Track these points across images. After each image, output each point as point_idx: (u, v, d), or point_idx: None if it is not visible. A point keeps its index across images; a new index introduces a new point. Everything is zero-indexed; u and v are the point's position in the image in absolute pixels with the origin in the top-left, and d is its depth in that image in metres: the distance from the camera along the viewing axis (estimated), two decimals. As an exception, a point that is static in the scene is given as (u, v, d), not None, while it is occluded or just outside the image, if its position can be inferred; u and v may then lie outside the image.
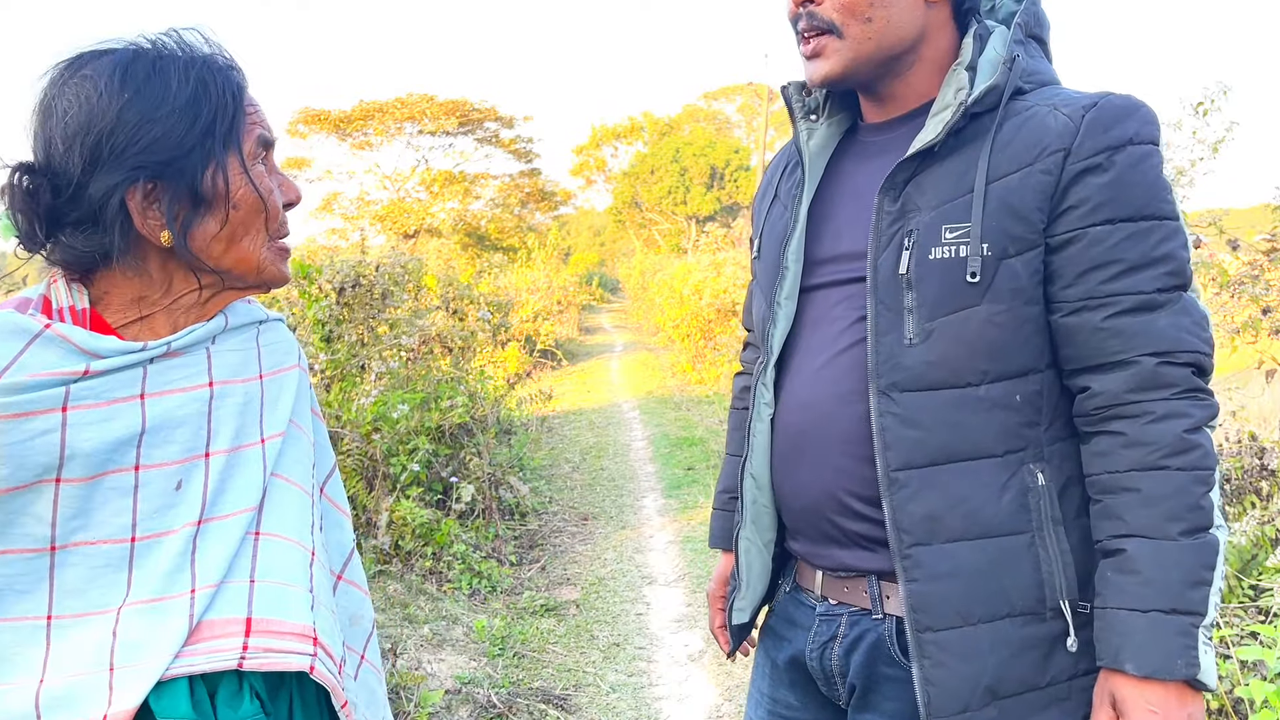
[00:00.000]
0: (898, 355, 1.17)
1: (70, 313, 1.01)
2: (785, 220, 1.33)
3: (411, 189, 28.14)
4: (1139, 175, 1.11)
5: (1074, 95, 1.16)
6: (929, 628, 1.16)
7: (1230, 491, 3.47)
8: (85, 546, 0.97)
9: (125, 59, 0.99)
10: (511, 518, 5.42)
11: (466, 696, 3.26)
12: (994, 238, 1.13)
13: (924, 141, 1.16)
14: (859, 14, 1.19)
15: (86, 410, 0.96)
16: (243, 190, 1.02)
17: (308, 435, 1.18)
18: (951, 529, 1.16)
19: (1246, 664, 2.42)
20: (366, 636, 1.24)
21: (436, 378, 5.69)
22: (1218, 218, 4.10)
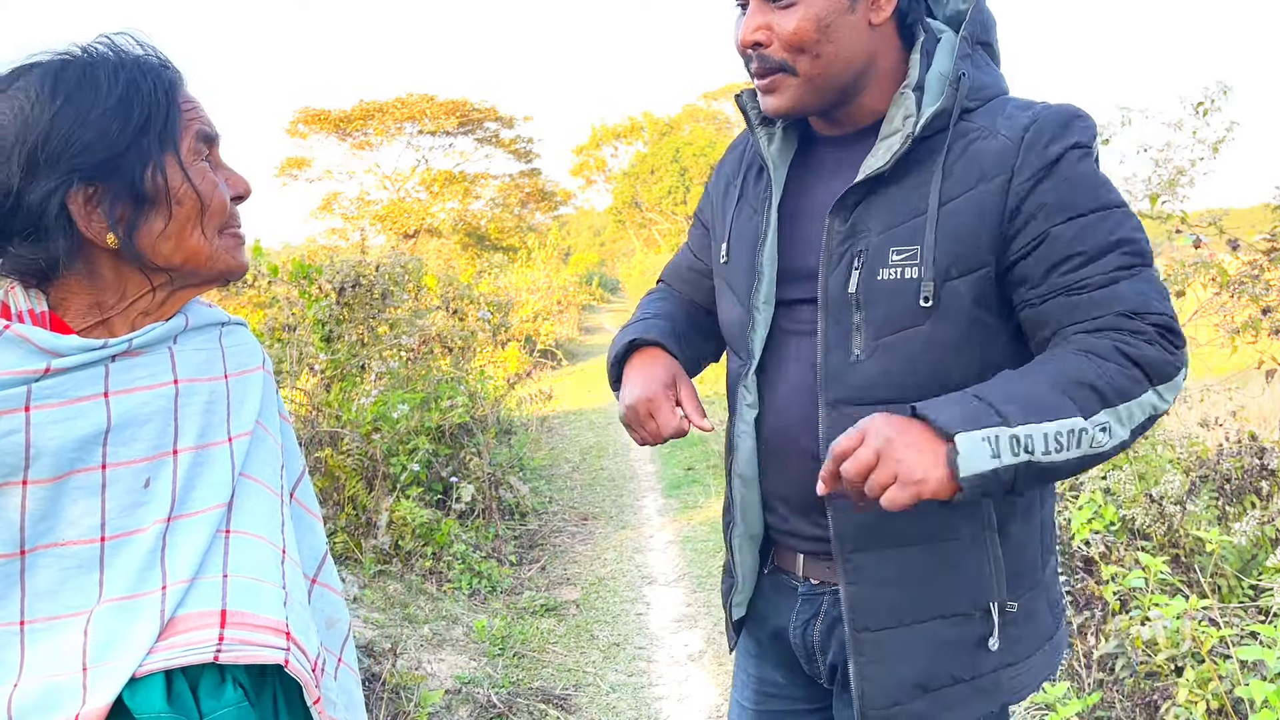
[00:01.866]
0: (844, 371, 1.22)
1: (30, 316, 1.01)
2: (756, 224, 1.35)
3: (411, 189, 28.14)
4: (1080, 176, 1.17)
5: (1013, 113, 1.20)
6: (866, 628, 1.24)
7: (1230, 491, 3.47)
8: (55, 548, 0.97)
9: (55, 68, 0.99)
10: (511, 518, 5.42)
11: (466, 696, 3.26)
12: (939, 262, 1.17)
13: (872, 169, 1.20)
14: (808, 50, 1.21)
15: (50, 409, 0.96)
16: (183, 187, 1.03)
17: (274, 438, 1.18)
18: (890, 536, 1.22)
19: (1246, 664, 2.42)
20: (343, 639, 1.24)
21: (436, 378, 5.69)
22: (1218, 218, 4.10)
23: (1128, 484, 3.39)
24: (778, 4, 1.21)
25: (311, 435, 4.42)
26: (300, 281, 5.00)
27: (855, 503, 1.08)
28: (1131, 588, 2.89)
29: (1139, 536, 3.35)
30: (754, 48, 1.23)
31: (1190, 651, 2.49)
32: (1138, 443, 3.68)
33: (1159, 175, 4.22)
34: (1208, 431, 4.01)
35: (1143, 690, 2.84)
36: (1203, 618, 2.57)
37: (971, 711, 1.26)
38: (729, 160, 1.50)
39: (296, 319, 5.09)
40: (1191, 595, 2.69)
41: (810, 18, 1.20)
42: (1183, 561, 3.21)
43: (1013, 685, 1.27)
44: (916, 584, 1.23)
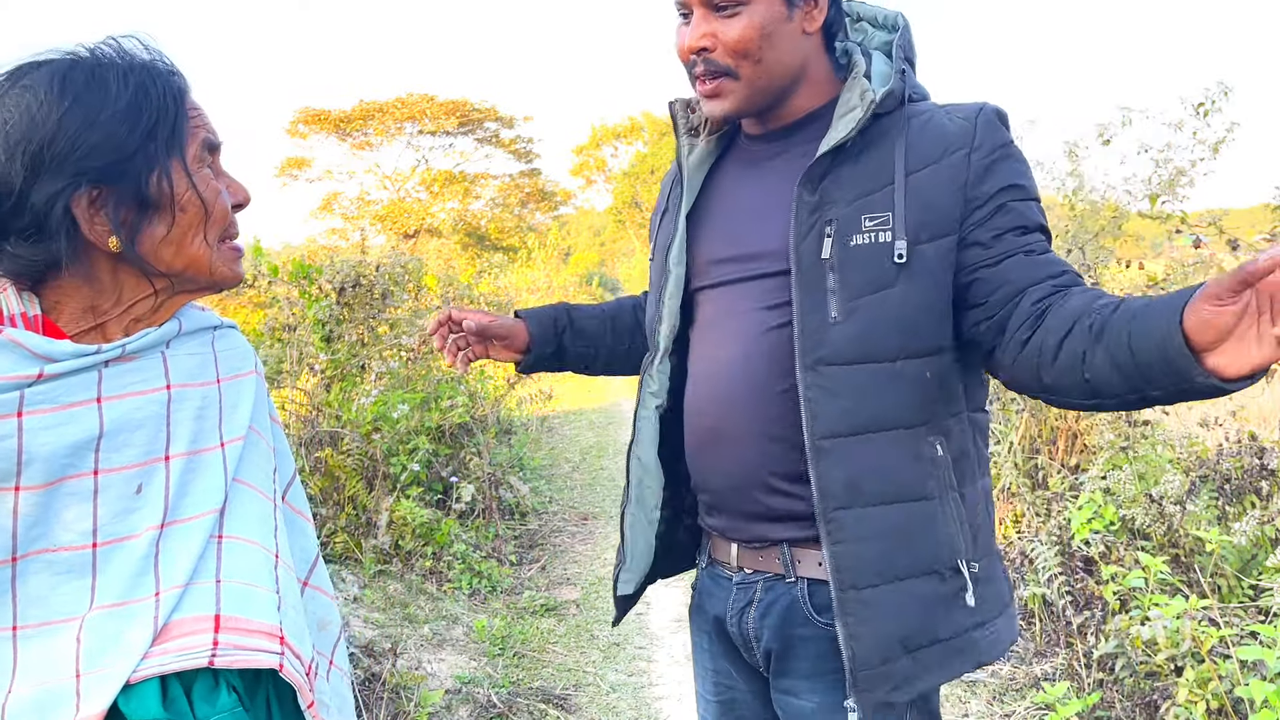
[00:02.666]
0: (824, 332, 1.27)
1: (22, 319, 1.01)
2: (668, 229, 1.47)
3: (411, 189, 28.14)
4: (1024, 165, 1.31)
5: (956, 106, 1.33)
6: (852, 585, 1.27)
7: (1230, 491, 3.47)
8: (47, 554, 0.97)
9: (63, 68, 0.99)
10: (511, 517, 5.43)
11: (466, 696, 3.26)
12: (910, 226, 1.26)
13: (837, 138, 1.28)
14: (750, 56, 1.30)
15: (42, 415, 0.96)
16: (188, 194, 1.03)
17: (267, 441, 1.18)
18: (870, 494, 1.27)
19: (1246, 664, 2.42)
20: (334, 641, 1.24)
21: (436, 378, 5.69)
22: (1218, 218, 4.10)
23: (1128, 484, 3.39)
24: (721, 13, 1.30)
25: (311, 435, 4.42)
26: (300, 281, 5.00)
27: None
28: (1131, 588, 2.89)
29: (1139, 536, 3.35)
30: (699, 53, 1.31)
31: (1190, 651, 2.49)
32: (1138, 443, 3.68)
33: (1159, 175, 4.22)
34: (1207, 431, 4.01)
35: (1143, 690, 2.84)
36: (1203, 618, 2.57)
37: (950, 671, 1.32)
38: (668, 175, 1.60)
39: (296, 319, 5.09)
40: (1191, 595, 2.70)
41: (753, 25, 1.29)
42: (1183, 561, 3.21)
43: (986, 645, 1.34)
44: (895, 540, 1.28)
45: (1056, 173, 4.53)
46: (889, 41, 1.41)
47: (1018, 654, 3.48)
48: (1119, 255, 4.56)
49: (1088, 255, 4.33)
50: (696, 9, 1.31)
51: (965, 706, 3.18)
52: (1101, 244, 4.40)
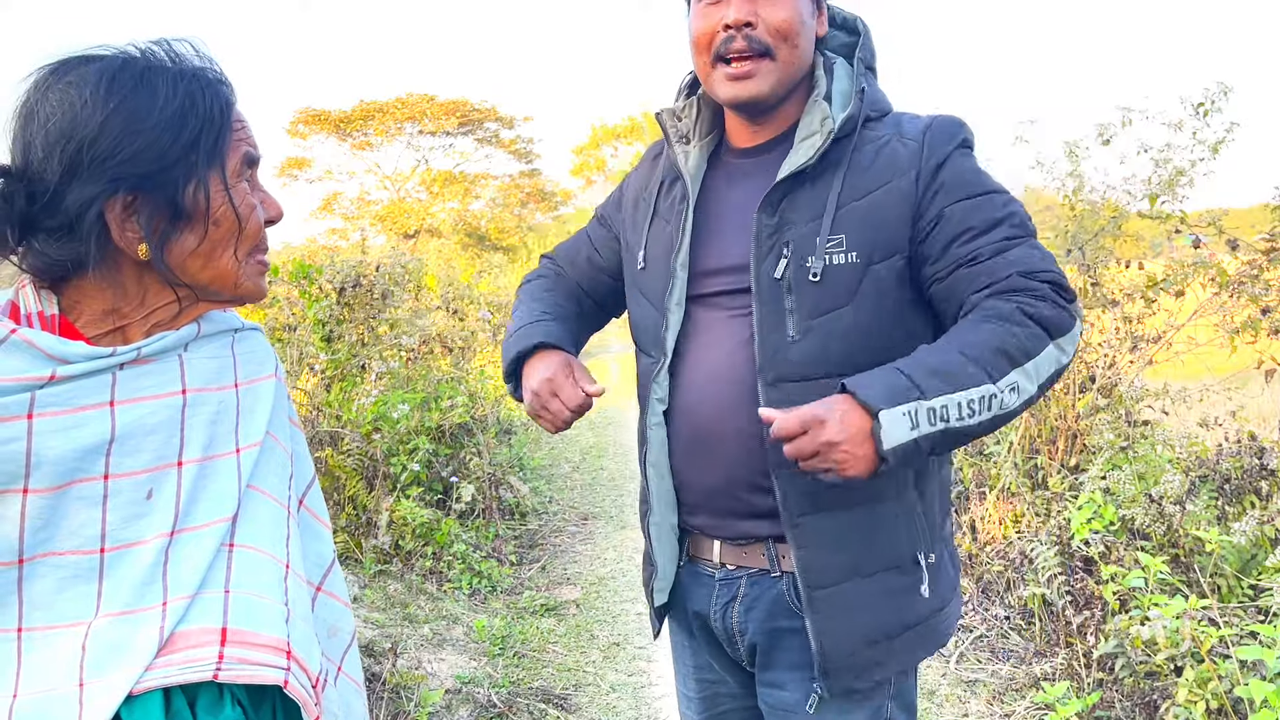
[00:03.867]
0: (782, 351, 1.32)
1: (39, 319, 0.99)
2: (670, 233, 1.46)
3: (412, 189, 28.15)
4: (968, 166, 1.34)
5: (912, 123, 1.37)
6: (818, 585, 1.33)
7: (1230, 491, 3.48)
8: (53, 557, 0.95)
9: (113, 67, 0.97)
10: (511, 518, 5.43)
11: (467, 696, 3.26)
12: (861, 247, 1.31)
13: (796, 164, 1.33)
14: (790, 39, 1.35)
15: (53, 417, 0.94)
16: (223, 208, 1.01)
17: (284, 447, 1.16)
18: (831, 500, 1.33)
19: (1246, 664, 2.42)
20: (344, 648, 1.23)
21: (437, 378, 5.70)
22: (1217, 218, 4.10)
23: (1127, 484, 3.40)
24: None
25: (312, 435, 4.43)
26: (300, 281, 5.00)
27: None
28: (1131, 587, 2.89)
29: (1139, 536, 3.36)
30: (743, 28, 1.33)
31: (1190, 651, 2.49)
32: (1138, 443, 3.68)
33: (1159, 175, 4.22)
34: (1207, 431, 4.01)
35: (1142, 690, 2.84)
36: (1202, 617, 2.57)
37: (914, 657, 1.39)
38: (640, 173, 1.61)
39: (297, 319, 5.09)
40: (1191, 595, 2.70)
41: (795, 10, 1.34)
42: (1182, 561, 3.21)
43: (943, 629, 1.42)
44: (858, 541, 1.34)
45: (1056, 173, 4.53)
46: (849, 44, 1.45)
47: (1017, 654, 3.48)
48: (1119, 255, 4.56)
49: (1087, 255, 4.33)
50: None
51: (965, 706, 3.18)
52: (1101, 244, 4.40)
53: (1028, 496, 3.96)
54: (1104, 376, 4.23)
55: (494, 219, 28.66)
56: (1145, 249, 5.13)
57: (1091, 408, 4.09)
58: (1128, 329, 4.26)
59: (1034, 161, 4.61)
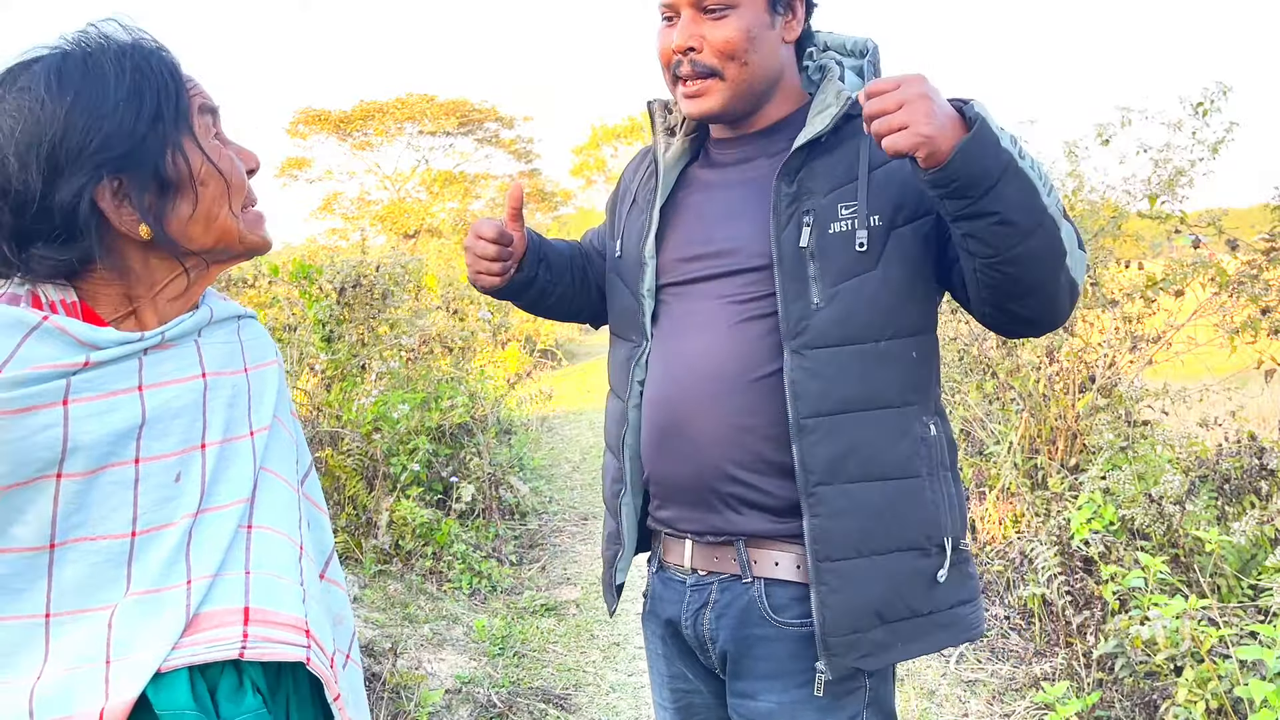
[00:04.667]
0: (807, 318, 1.31)
1: (62, 306, 1.00)
2: (642, 222, 1.48)
3: (412, 189, 28.16)
4: None
5: None
6: (827, 557, 1.30)
7: (1230, 491, 3.48)
8: (85, 543, 0.96)
9: (55, 63, 0.97)
10: (511, 517, 5.43)
11: (467, 696, 3.26)
12: (883, 210, 1.31)
13: (814, 132, 1.32)
14: (737, 58, 1.35)
15: (87, 403, 0.95)
16: (204, 167, 1.02)
17: (289, 431, 1.18)
18: (852, 471, 1.30)
19: (1246, 664, 2.42)
20: (350, 635, 1.24)
21: (437, 378, 5.70)
22: (1217, 218, 4.10)
23: (1127, 484, 3.40)
24: (710, 15, 1.33)
25: (312, 435, 4.43)
26: (301, 281, 5.00)
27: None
28: (1131, 587, 2.89)
29: (1138, 536, 3.36)
30: (687, 52, 1.35)
31: (1190, 651, 2.49)
32: (1138, 443, 3.68)
33: (1158, 175, 4.22)
34: (1207, 431, 4.01)
35: (1142, 690, 2.84)
36: (1202, 617, 2.57)
37: (934, 643, 1.36)
38: (628, 169, 1.63)
39: (297, 319, 5.09)
40: (1191, 595, 2.70)
41: (740, 28, 1.33)
42: (1182, 561, 3.21)
43: (970, 622, 1.39)
44: (876, 517, 1.31)
45: (1056, 173, 4.53)
46: (857, 67, 1.45)
47: (1017, 654, 3.48)
48: (1119, 255, 4.56)
49: (1087, 255, 4.33)
50: (685, 10, 1.34)
51: (965, 706, 3.18)
52: (1101, 244, 4.40)
53: (1028, 496, 3.96)
54: (1104, 376, 4.24)
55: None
56: (1145, 249, 5.13)
57: (1091, 408, 4.09)
58: (1127, 329, 4.26)
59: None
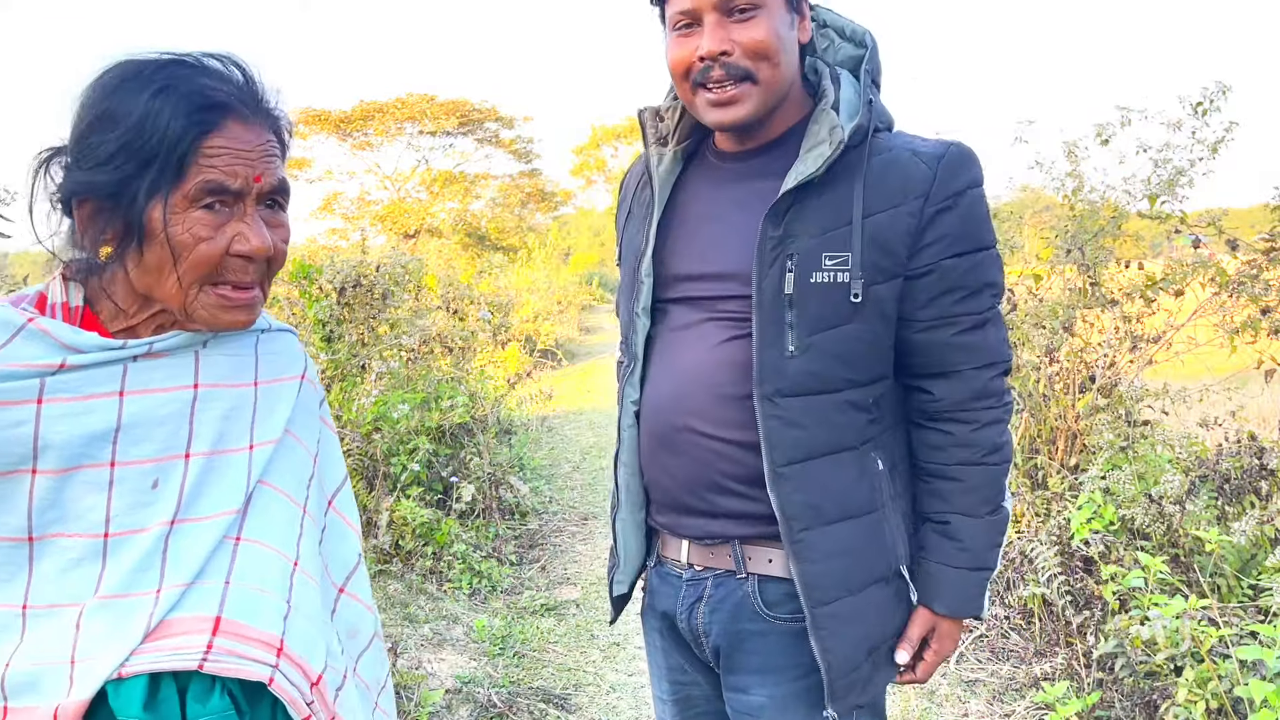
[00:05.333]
0: (781, 365, 1.32)
1: (63, 309, 1.03)
2: (639, 237, 1.46)
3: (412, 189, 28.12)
4: (976, 213, 1.34)
5: (925, 143, 1.35)
6: (821, 602, 1.34)
7: (1230, 491, 3.48)
8: (61, 539, 0.99)
9: (116, 72, 1.01)
10: (512, 517, 5.43)
11: (467, 696, 3.27)
12: (866, 268, 1.30)
13: (803, 175, 1.29)
14: (770, 58, 1.31)
15: (61, 403, 0.98)
16: (161, 234, 1.00)
17: (305, 447, 1.17)
18: (829, 513, 1.35)
19: (1246, 664, 2.42)
20: (360, 650, 1.23)
21: (437, 378, 5.69)
22: (1217, 218, 4.10)
23: (1127, 484, 3.40)
24: (737, 18, 1.29)
25: (312, 435, 4.42)
26: (300, 281, 5.00)
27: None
28: (1131, 587, 2.89)
29: (1138, 536, 3.36)
30: (719, 58, 1.30)
31: (1190, 651, 2.49)
32: (1138, 443, 3.68)
33: (1158, 175, 4.22)
34: (1207, 431, 4.01)
35: (1142, 690, 2.84)
36: (1202, 617, 2.57)
37: (894, 671, 1.44)
38: (628, 179, 1.60)
39: (297, 319, 5.09)
40: (1191, 595, 2.70)
41: (770, 28, 1.30)
42: (1182, 561, 3.21)
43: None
44: (853, 554, 1.36)
45: (1056, 173, 4.53)
46: (855, 57, 1.41)
47: (1017, 654, 3.48)
48: (1118, 255, 4.56)
49: (1087, 255, 4.33)
50: (709, 15, 1.30)
51: (965, 706, 3.18)
52: (1101, 244, 4.40)
53: (1028, 496, 3.96)
54: (1104, 376, 4.23)
55: (494, 219, 28.64)
56: (1145, 249, 5.13)
57: (1091, 408, 4.09)
58: (1127, 329, 4.26)
59: (1033, 161, 4.61)
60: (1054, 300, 4.42)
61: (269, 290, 1.10)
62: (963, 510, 1.39)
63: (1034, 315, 4.34)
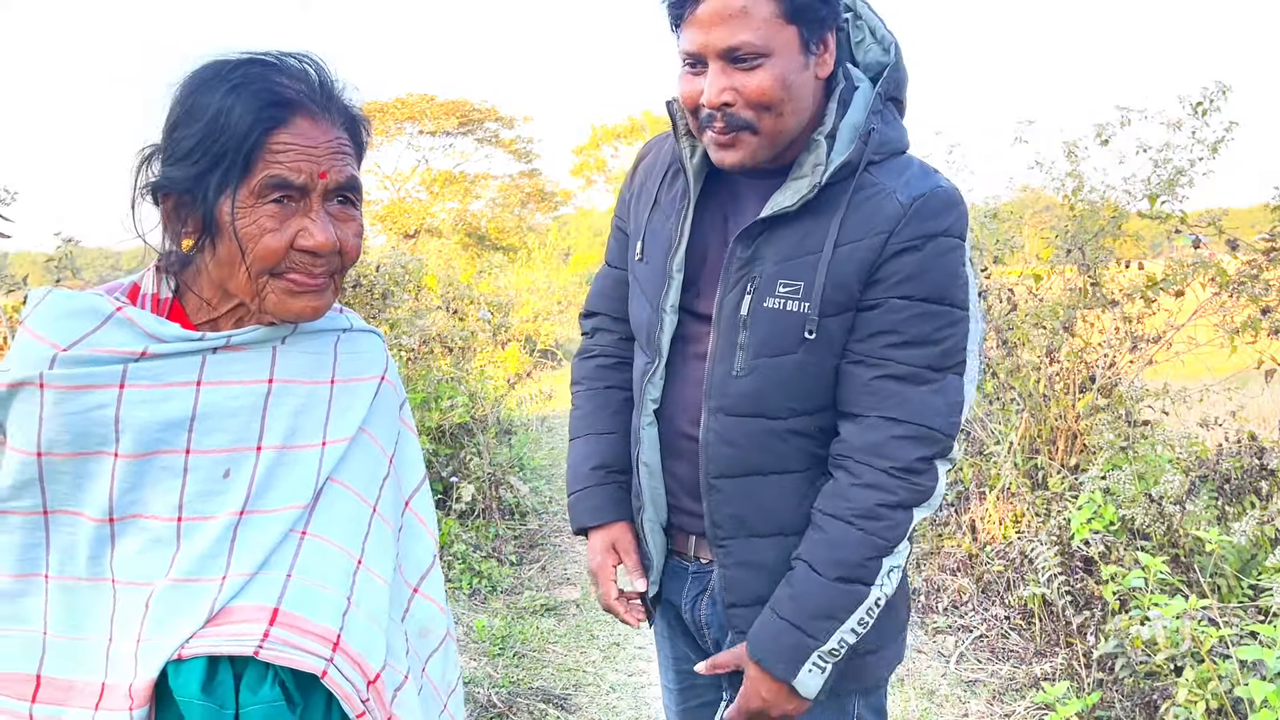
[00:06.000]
0: (726, 383, 1.33)
1: (153, 300, 1.08)
2: (669, 231, 1.42)
3: (412, 189, 28.14)
4: (943, 264, 1.27)
5: (912, 180, 1.29)
6: (735, 604, 1.39)
7: (1230, 491, 3.48)
8: (141, 520, 1.03)
9: (199, 72, 1.05)
10: (511, 517, 5.43)
11: (467, 696, 3.27)
12: (823, 302, 1.28)
13: (779, 207, 1.29)
14: (773, 109, 1.26)
15: (141, 390, 1.02)
16: (229, 228, 1.04)
17: (380, 446, 1.18)
18: (755, 527, 1.37)
19: (1246, 664, 2.42)
20: (430, 651, 1.24)
21: (437, 378, 5.69)
22: (1217, 218, 4.10)
23: (1127, 484, 3.40)
24: (741, 65, 1.23)
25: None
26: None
27: None
28: (1131, 587, 2.89)
29: (1139, 536, 3.36)
30: (719, 108, 1.26)
31: (1190, 651, 2.49)
32: (1138, 443, 3.68)
33: (1158, 175, 4.22)
34: (1207, 431, 4.01)
35: (1142, 690, 2.84)
36: (1202, 617, 2.57)
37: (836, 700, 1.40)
38: (644, 163, 1.54)
39: (297, 319, 5.08)
40: (1191, 595, 2.70)
41: (776, 77, 1.24)
42: (1182, 561, 3.21)
43: (868, 672, 1.41)
44: (776, 567, 1.36)
45: (1056, 173, 4.53)
46: (880, 64, 1.37)
47: (1017, 654, 3.48)
48: (1119, 255, 4.56)
49: (1087, 255, 4.33)
50: (714, 62, 1.24)
51: (965, 706, 3.18)
52: (1101, 244, 4.40)
53: (1028, 496, 3.96)
54: (1104, 376, 4.24)
55: (494, 219, 28.64)
56: (1145, 249, 5.13)
57: (1091, 408, 4.09)
58: (1128, 329, 4.26)
59: (1033, 161, 4.61)
60: (1054, 300, 4.43)
61: (341, 284, 1.11)
62: (811, 561, 1.31)
63: (1034, 315, 4.34)
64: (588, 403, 1.62)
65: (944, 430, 1.29)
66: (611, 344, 1.63)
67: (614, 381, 1.61)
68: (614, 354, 1.63)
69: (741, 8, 1.21)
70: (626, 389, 1.59)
